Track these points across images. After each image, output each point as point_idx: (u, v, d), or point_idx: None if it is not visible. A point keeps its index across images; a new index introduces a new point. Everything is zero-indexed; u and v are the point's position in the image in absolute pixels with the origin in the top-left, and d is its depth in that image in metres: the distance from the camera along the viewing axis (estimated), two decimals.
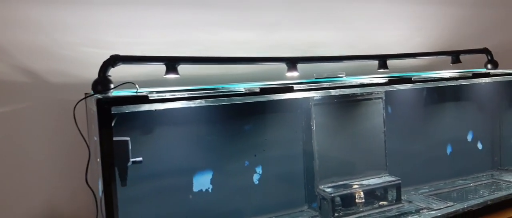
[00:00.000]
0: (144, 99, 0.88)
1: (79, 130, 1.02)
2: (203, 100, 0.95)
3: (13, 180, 1.15)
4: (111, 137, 0.85)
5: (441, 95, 1.59)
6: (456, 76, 1.38)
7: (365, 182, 1.32)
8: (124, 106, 0.90)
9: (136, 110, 0.97)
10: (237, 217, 1.27)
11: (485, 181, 1.61)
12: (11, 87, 1.14)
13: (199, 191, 1.21)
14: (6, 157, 1.14)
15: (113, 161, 0.85)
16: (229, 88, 1.04)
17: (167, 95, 0.91)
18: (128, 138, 0.98)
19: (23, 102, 1.16)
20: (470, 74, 1.41)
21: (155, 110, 1.10)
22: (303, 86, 1.11)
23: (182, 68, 1.10)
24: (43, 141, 1.18)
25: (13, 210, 1.15)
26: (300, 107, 1.34)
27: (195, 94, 0.94)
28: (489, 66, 1.64)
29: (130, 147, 0.99)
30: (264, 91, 1.01)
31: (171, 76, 1.06)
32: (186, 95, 0.93)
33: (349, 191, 1.27)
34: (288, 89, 1.06)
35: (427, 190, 1.52)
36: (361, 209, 1.28)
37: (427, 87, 1.56)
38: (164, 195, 1.17)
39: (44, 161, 1.18)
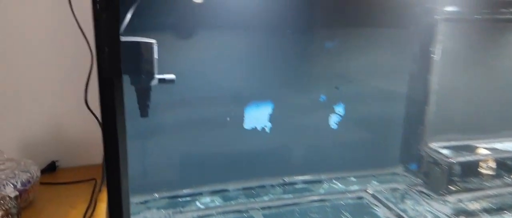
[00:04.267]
0: None
1: (78, 25, 0.69)
2: None
3: (18, 85, 0.92)
4: (114, 25, 0.46)
5: None
6: None
7: (499, 146, 1.00)
8: None
9: None
10: (301, 171, 0.98)
11: None
12: None
13: (252, 129, 0.95)
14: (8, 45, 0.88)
15: (118, 67, 0.48)
16: None
17: None
18: (153, 40, 0.62)
19: None
20: None
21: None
22: None
23: None
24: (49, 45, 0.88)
25: (14, 116, 0.92)
26: (416, 22, 0.97)
27: None
28: None
29: (155, 56, 0.62)
30: None
31: None
32: None
33: (474, 157, 0.95)
34: None
35: None
36: (487, 184, 0.95)
37: None
38: (199, 130, 0.89)
39: (50, 63, 0.90)
